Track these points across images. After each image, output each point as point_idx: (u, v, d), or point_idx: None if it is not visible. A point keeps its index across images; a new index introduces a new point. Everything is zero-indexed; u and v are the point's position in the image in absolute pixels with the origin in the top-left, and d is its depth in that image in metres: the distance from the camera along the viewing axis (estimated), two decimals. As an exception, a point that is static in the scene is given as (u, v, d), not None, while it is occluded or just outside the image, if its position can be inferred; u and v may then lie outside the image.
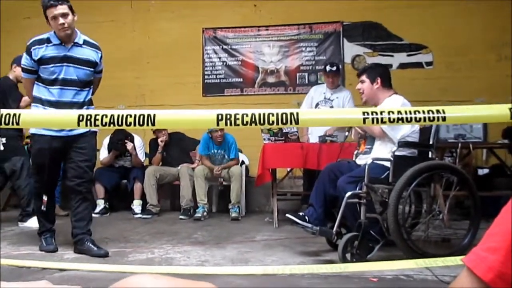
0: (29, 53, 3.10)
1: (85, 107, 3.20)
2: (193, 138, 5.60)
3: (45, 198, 3.24)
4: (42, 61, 3.09)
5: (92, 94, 3.36)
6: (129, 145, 5.33)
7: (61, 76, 3.11)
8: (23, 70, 3.20)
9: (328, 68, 4.99)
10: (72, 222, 3.22)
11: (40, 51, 3.09)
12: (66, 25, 3.05)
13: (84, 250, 3.11)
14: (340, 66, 5.32)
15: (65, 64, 3.11)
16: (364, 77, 3.19)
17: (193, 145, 5.57)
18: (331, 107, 4.89)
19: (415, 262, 2.19)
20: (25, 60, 3.15)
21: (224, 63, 6.49)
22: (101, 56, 3.37)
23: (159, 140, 5.41)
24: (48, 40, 3.12)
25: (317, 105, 4.95)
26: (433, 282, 2.31)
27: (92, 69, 3.24)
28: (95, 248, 3.10)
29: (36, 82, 3.16)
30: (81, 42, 3.21)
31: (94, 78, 3.34)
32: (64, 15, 3.04)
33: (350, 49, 6.22)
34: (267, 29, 6.43)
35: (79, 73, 3.16)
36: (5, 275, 2.36)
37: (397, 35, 6.07)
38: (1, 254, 2.99)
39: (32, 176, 3.36)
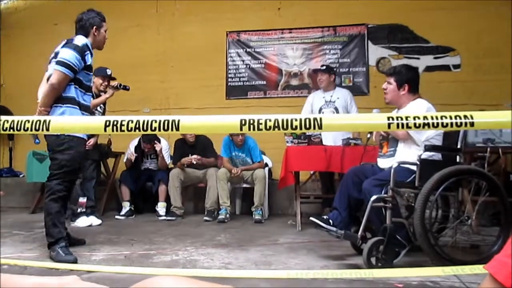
0: (82, 56, 3.12)
1: None
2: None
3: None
4: (89, 67, 3.22)
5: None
6: (157, 146, 5.38)
7: (91, 84, 3.37)
8: (68, 66, 3.07)
9: (319, 67, 5.17)
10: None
11: (90, 58, 3.20)
12: None
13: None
14: (332, 67, 5.37)
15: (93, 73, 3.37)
16: (392, 80, 3.14)
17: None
18: (335, 108, 4.88)
19: (442, 270, 2.14)
20: (75, 59, 3.09)
21: (248, 66, 6.52)
22: None
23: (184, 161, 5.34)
24: (89, 47, 3.23)
25: (320, 109, 4.94)
26: (461, 289, 2.26)
27: None
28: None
29: (74, 85, 3.14)
30: None
31: None
32: None
33: (375, 52, 6.18)
34: (290, 32, 6.44)
35: None
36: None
37: (424, 38, 5.99)
38: (32, 256, 3.07)
39: (59, 179, 3.10)
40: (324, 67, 5.07)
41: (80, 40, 3.17)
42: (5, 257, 2.91)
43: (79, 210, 4.52)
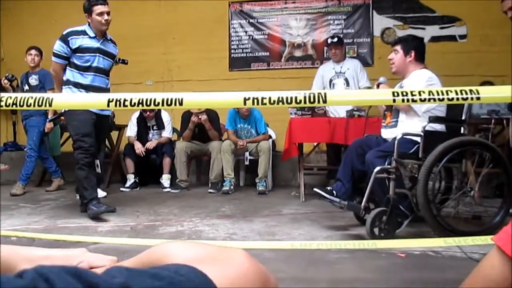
0: (65, 42, 3.54)
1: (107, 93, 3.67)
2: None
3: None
4: (79, 50, 3.57)
5: None
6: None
7: (94, 65, 3.62)
8: (56, 55, 3.58)
9: (329, 40, 5.01)
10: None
11: (78, 41, 3.56)
12: (108, 22, 3.60)
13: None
14: (342, 38, 5.23)
15: (97, 54, 3.63)
16: (398, 48, 3.11)
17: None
18: (346, 79, 4.84)
19: (444, 241, 2.16)
20: (59, 47, 3.56)
21: (251, 37, 6.44)
22: (117, 52, 3.91)
23: (194, 118, 5.20)
24: (84, 32, 3.60)
25: (330, 81, 4.90)
26: (462, 259, 2.28)
27: (112, 61, 3.82)
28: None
29: (68, 67, 3.60)
30: (108, 38, 3.76)
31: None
32: (108, 13, 3.59)
33: (380, 22, 6.08)
34: (294, 2, 6.33)
35: (106, 64, 3.72)
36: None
37: (429, 7, 5.88)
38: (39, 228, 3.13)
39: (78, 149, 3.50)
40: (336, 39, 4.94)
41: (71, 28, 3.61)
42: (13, 229, 2.96)
43: None
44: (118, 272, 0.45)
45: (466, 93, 1.66)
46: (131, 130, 5.53)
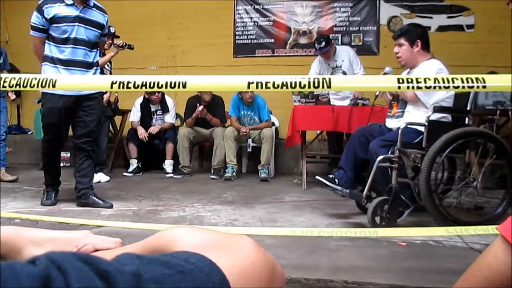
0: (40, 12, 3.13)
1: (94, 68, 3.34)
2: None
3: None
4: (54, 20, 3.14)
5: (100, 56, 3.50)
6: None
7: (72, 35, 3.18)
8: (33, 28, 3.19)
9: (317, 46, 4.77)
10: (76, 177, 3.41)
11: (53, 10, 3.13)
12: None
13: (89, 204, 3.32)
14: (328, 36, 5.00)
15: (76, 24, 3.18)
16: (402, 40, 3.05)
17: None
18: (343, 72, 4.79)
19: (446, 230, 2.16)
20: (35, 18, 3.16)
21: (256, 24, 6.39)
22: (107, 20, 3.41)
23: (198, 110, 5.21)
24: (60, 0, 3.17)
25: None
26: (463, 249, 2.29)
27: (100, 31, 3.33)
28: (101, 202, 3.33)
29: (46, 41, 3.21)
30: (91, 4, 3.28)
31: (100, 41, 3.45)
32: None
33: (387, 10, 6.02)
34: (300, -12, 6.26)
35: (89, 34, 3.25)
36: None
37: (437, -4, 5.81)
38: (43, 211, 3.15)
39: (44, 135, 3.41)
40: (324, 43, 4.72)
41: None
42: (17, 211, 2.98)
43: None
44: (129, 259, 0.46)
45: (472, 81, 1.64)
46: (135, 115, 5.53)
